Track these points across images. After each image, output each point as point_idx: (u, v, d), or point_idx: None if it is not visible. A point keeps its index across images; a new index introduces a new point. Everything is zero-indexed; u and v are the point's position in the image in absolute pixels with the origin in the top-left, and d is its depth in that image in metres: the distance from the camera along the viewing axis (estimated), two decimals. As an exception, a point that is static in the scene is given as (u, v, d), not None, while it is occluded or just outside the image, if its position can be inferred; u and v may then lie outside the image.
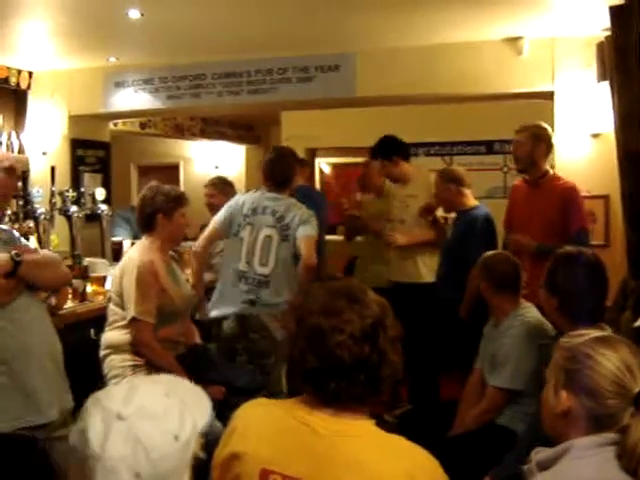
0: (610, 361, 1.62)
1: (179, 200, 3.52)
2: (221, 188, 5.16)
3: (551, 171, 4.20)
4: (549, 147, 4.17)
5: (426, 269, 4.92)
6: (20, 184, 3.63)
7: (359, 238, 5.54)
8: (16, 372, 2.73)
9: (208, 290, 4.20)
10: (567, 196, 4.02)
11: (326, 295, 1.66)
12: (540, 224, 4.02)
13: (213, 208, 4.74)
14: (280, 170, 4.07)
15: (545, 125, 4.22)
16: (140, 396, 1.24)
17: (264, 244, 3.91)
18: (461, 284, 4.19)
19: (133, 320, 3.30)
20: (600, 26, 4.40)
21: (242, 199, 4.06)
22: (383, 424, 1.65)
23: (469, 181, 4.62)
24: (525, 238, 3.99)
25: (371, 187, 5.43)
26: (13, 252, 2.71)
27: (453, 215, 4.77)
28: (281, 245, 3.90)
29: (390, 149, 5.04)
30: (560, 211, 3.99)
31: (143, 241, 3.53)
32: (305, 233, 3.87)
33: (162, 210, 3.46)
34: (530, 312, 3.31)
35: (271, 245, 3.90)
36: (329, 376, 1.58)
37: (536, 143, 4.11)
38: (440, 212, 4.95)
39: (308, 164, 5.79)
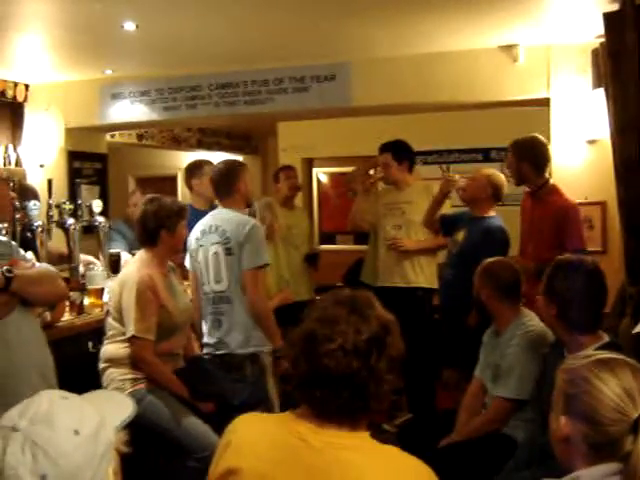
0: (609, 386, 1.54)
1: (181, 213, 3.51)
2: None
3: (551, 181, 4.14)
4: (537, 161, 4.05)
5: (420, 274, 4.93)
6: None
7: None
8: (3, 391, 2.67)
9: None
10: (562, 217, 3.92)
11: (329, 302, 1.66)
12: (536, 238, 4.00)
13: None
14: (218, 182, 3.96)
15: (532, 138, 4.12)
16: (35, 405, 1.26)
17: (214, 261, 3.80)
18: (471, 291, 4.12)
19: (133, 338, 3.27)
20: (594, 33, 4.41)
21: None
22: (383, 433, 1.64)
23: (502, 199, 4.59)
24: (522, 261, 3.89)
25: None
26: (4, 267, 2.63)
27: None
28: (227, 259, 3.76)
29: (404, 152, 5.06)
30: (553, 229, 3.92)
31: (142, 255, 3.49)
32: (248, 265, 3.71)
33: (166, 226, 3.42)
34: (532, 321, 3.29)
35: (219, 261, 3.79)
36: (315, 384, 1.57)
37: (518, 160, 4.07)
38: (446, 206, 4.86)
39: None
